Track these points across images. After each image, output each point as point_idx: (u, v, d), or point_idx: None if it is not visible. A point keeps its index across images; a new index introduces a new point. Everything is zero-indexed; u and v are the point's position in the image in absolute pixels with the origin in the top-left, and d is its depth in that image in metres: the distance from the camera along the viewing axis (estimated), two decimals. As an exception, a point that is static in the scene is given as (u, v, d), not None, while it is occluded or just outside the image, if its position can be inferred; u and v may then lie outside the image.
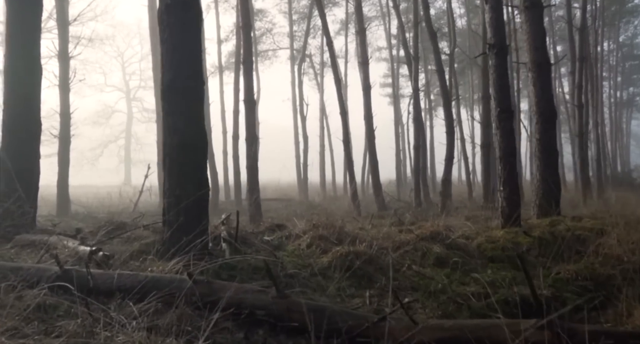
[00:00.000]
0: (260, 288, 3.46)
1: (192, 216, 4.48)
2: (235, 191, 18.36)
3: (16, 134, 6.23)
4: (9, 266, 3.43)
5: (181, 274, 3.54)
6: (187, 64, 4.52)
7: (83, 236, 5.61)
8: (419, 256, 4.89)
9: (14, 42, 6.36)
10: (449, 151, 13.74)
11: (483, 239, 5.38)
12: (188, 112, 4.53)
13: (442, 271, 4.58)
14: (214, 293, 3.34)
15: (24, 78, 6.32)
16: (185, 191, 4.48)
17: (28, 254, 4.93)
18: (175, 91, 4.49)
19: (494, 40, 5.91)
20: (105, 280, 3.38)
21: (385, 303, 3.89)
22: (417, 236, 5.29)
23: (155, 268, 3.77)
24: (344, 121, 14.31)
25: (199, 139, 4.60)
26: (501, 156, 6.00)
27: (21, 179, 6.02)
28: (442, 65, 13.69)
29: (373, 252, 4.77)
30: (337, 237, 5.31)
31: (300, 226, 6.82)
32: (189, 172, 4.53)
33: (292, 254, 5.03)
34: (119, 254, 4.60)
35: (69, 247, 4.65)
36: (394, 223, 7.09)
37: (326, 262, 4.66)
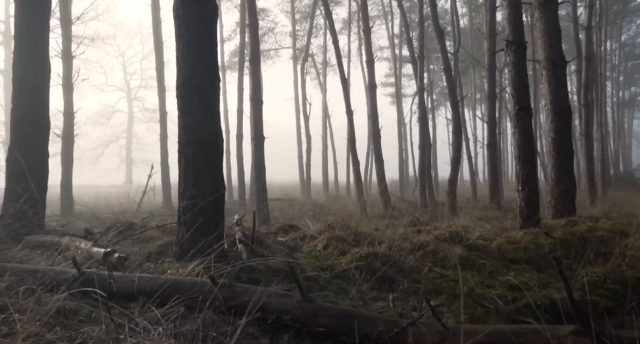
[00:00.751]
0: (284, 291, 3.35)
1: (208, 217, 4.37)
2: (239, 191, 18.28)
3: (25, 132, 6.11)
4: (26, 268, 3.32)
5: (202, 277, 3.43)
6: (203, 60, 4.40)
7: (93, 237, 5.50)
8: (439, 257, 4.78)
9: (23, 39, 6.25)
10: (456, 150, 13.63)
11: (503, 240, 5.27)
12: (204, 110, 4.42)
13: (465, 273, 4.47)
14: (237, 297, 3.23)
15: (33, 76, 6.21)
16: (201, 191, 4.37)
17: (39, 256, 4.81)
18: (191, 87, 4.37)
19: (512, 36, 5.80)
20: (125, 283, 3.26)
21: (410, 306, 3.78)
22: (435, 237, 5.17)
23: (175, 271, 3.65)
24: (350, 120, 14.20)
25: (215, 138, 4.48)
26: (519, 155, 5.89)
27: (28, 180, 5.90)
28: (449, 64, 13.58)
29: (393, 254, 4.65)
30: (354, 238, 5.20)
31: (312, 226, 6.72)
32: (205, 171, 4.42)
33: (309, 256, 4.92)
34: (133, 256, 4.49)
35: (82, 249, 4.54)
36: (407, 224, 6.98)
37: (345, 264, 4.55)
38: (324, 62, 30.62)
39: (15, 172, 5.93)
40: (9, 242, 5.34)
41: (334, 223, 5.62)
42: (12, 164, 5.97)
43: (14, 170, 5.94)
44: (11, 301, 2.76)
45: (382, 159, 15.64)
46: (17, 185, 5.87)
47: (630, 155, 50.28)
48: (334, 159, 29.92)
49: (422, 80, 16.95)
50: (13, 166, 5.95)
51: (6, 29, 28.64)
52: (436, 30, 13.45)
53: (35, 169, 6.05)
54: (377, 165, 15.56)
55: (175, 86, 4.49)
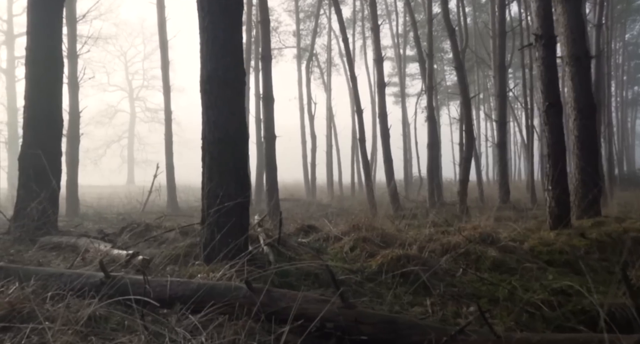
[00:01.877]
0: (324, 297, 3.16)
1: (235, 218, 4.19)
2: (245, 190, 18.06)
3: (38, 130, 5.93)
4: (50, 272, 3.14)
5: (235, 281, 3.25)
6: (229, 54, 4.22)
7: (111, 238, 5.33)
8: (472, 259, 4.59)
9: (36, 34, 6.05)
10: (467, 150, 13.43)
11: (535, 242, 5.08)
12: (229, 106, 4.23)
13: (501, 276, 4.29)
14: (274, 303, 3.05)
15: (46, 72, 6.02)
16: (227, 191, 4.19)
17: (56, 258, 4.64)
18: (216, 82, 4.19)
19: (541, 30, 5.60)
20: (155, 288, 3.07)
21: (451, 312, 3.59)
22: (465, 238, 4.98)
23: (205, 275, 3.47)
24: (360, 119, 14.01)
25: (241, 136, 4.30)
26: (550, 153, 5.70)
27: (41, 178, 5.71)
28: (461, 62, 13.40)
29: (425, 256, 4.47)
30: (381, 240, 5.01)
31: (333, 227, 6.54)
32: (231, 171, 4.24)
33: (336, 258, 4.74)
34: (154, 259, 4.31)
35: (101, 251, 4.35)
36: (429, 224, 6.79)
37: (376, 266, 4.36)
38: (328, 61, 30.43)
39: (29, 171, 5.75)
40: (24, 243, 5.16)
41: (360, 224, 5.43)
42: (25, 163, 5.78)
43: (27, 169, 5.76)
44: (39, 307, 2.58)
45: (391, 159, 15.45)
46: (30, 184, 5.68)
47: (634, 155, 50.10)
48: (338, 159, 29.72)
49: (430, 78, 16.75)
50: (26, 165, 5.77)
51: (8, 29, 28.46)
52: (447, 28, 13.25)
53: (47, 168, 5.86)
54: (386, 164, 15.36)
55: (200, 81, 4.30)
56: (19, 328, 2.40)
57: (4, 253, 4.53)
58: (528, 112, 19.81)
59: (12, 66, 28.03)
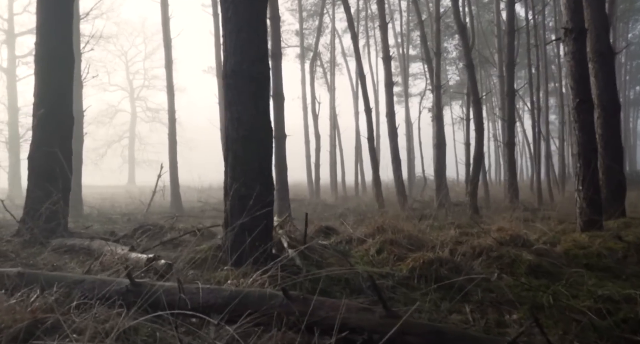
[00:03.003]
0: (365, 305, 2.95)
1: (258, 219, 3.97)
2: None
3: (48, 129, 5.71)
4: (72, 278, 2.92)
5: (269, 288, 3.03)
6: (254, 46, 4.01)
7: (124, 240, 5.11)
8: (505, 263, 4.38)
9: (46, 29, 5.83)
10: (478, 150, 13.22)
11: (569, 245, 4.87)
12: (254, 102, 4.02)
13: (539, 281, 4.07)
14: (313, 312, 2.83)
15: (56, 69, 5.79)
16: (251, 192, 3.98)
17: (70, 261, 4.42)
18: (241, 77, 3.97)
19: (571, 24, 5.40)
20: (185, 295, 2.86)
21: (493, 320, 3.38)
22: (495, 241, 4.78)
23: (236, 281, 3.25)
24: (368, 117, 13.81)
25: (265, 133, 4.09)
26: (581, 152, 5.49)
27: (52, 178, 5.49)
28: (470, 60, 13.17)
29: (457, 260, 4.26)
30: (408, 242, 4.80)
31: (349, 227, 6.34)
32: (255, 170, 4.03)
33: (362, 262, 4.53)
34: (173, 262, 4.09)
35: (118, 254, 4.13)
36: (453, 225, 6.59)
37: (407, 271, 4.15)
38: (332, 60, 30.19)
39: (38, 171, 5.53)
40: (35, 245, 4.94)
41: (384, 225, 5.22)
42: (35, 162, 5.56)
43: (37, 168, 5.53)
44: (64, 317, 2.36)
45: (399, 158, 15.26)
46: (40, 185, 5.46)
47: (635, 155, 49.93)
48: (342, 159, 29.50)
49: (438, 77, 16.56)
50: (36, 164, 5.54)
51: (9, 28, 28.20)
52: (457, 25, 13.04)
53: (58, 168, 5.64)
54: (394, 164, 15.17)
55: (222, 76, 4.09)
56: (44, 341, 2.19)
57: (16, 256, 4.32)
58: (534, 112, 19.62)
59: (13, 65, 27.77)
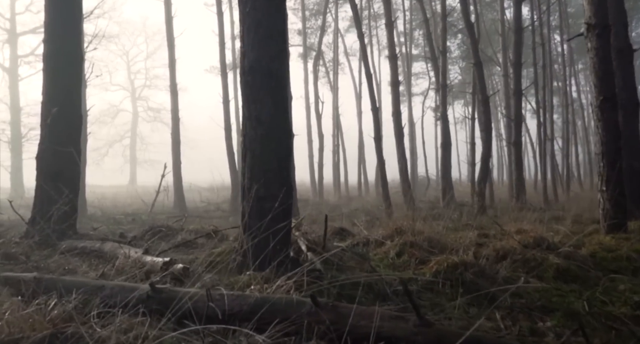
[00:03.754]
0: (397, 313, 2.81)
1: (278, 221, 3.83)
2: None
3: (57, 128, 5.57)
4: (91, 284, 2.79)
5: (294, 295, 2.90)
6: (274, 42, 3.86)
7: (135, 242, 4.97)
8: (531, 266, 4.24)
9: (54, 26, 5.70)
10: (486, 149, 13.08)
11: (595, 248, 4.73)
12: (273, 99, 3.88)
13: (568, 286, 3.93)
14: (343, 320, 2.70)
15: (65, 67, 5.67)
16: (270, 192, 3.84)
17: (82, 263, 4.28)
18: (260, 73, 3.83)
19: (594, 19, 5.25)
20: (201, 301, 2.72)
21: (527, 327, 3.24)
22: (519, 243, 4.64)
23: (259, 287, 3.11)
24: (376, 117, 13.64)
25: (284, 132, 3.96)
26: (604, 152, 5.35)
27: (61, 178, 5.35)
28: (479, 58, 13.03)
29: (482, 263, 4.12)
30: (428, 245, 4.66)
31: (362, 228, 6.21)
32: (275, 170, 3.89)
33: (383, 265, 4.39)
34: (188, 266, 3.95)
35: (132, 258, 3.99)
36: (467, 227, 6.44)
37: (430, 274, 4.01)
38: (335, 60, 30.03)
39: (47, 171, 5.39)
40: (44, 247, 4.80)
41: (402, 227, 5.08)
42: (43, 162, 5.42)
43: (46, 168, 5.39)
44: (85, 327, 2.23)
45: (405, 158, 15.12)
46: (49, 185, 5.32)
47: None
48: (344, 159, 29.34)
49: (444, 76, 16.42)
50: (44, 164, 5.40)
51: (11, 27, 28.06)
52: (465, 23, 12.91)
53: (67, 168, 5.51)
54: (401, 164, 15.03)
55: (240, 73, 3.95)
56: (65, 353, 2.05)
57: (26, 259, 4.17)
58: (539, 111, 19.49)
59: (15, 65, 27.63)
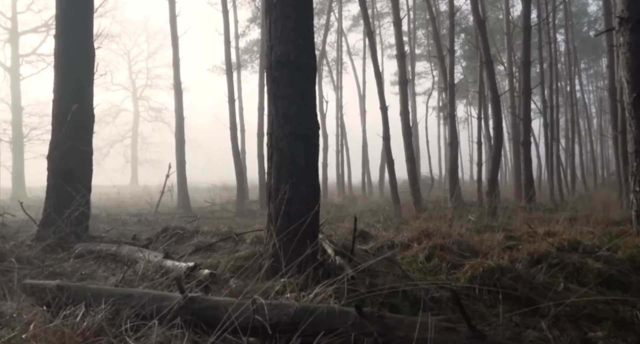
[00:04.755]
0: (448, 324, 2.61)
1: (306, 224, 3.64)
2: (260, 192, 17.47)
3: (69, 126, 5.36)
4: (118, 292, 2.60)
5: (334, 304, 2.71)
6: (301, 35, 3.67)
7: (150, 244, 4.78)
8: (569, 271, 4.04)
9: (66, 21, 5.49)
10: (496, 148, 12.92)
11: (632, 251, 4.53)
12: (302, 96, 3.69)
13: (612, 292, 3.74)
14: (390, 332, 2.51)
15: (77, 63, 5.47)
16: (298, 194, 3.65)
17: (97, 268, 4.08)
18: (288, 68, 3.64)
19: (627, 13, 5.05)
20: (243, 312, 2.52)
21: (577, 337, 3.05)
22: (552, 246, 4.44)
23: (296, 294, 2.91)
24: (385, 116, 13.46)
25: (312, 130, 3.77)
26: (638, 150, 5.17)
27: (73, 179, 5.16)
28: (489, 57, 12.85)
29: (519, 268, 3.93)
30: (458, 248, 4.47)
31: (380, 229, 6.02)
32: (302, 170, 3.70)
33: (411, 269, 4.20)
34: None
35: (152, 262, 3.80)
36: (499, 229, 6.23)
37: (465, 280, 3.82)
38: (339, 59, 29.87)
39: (58, 171, 5.19)
40: (57, 250, 4.60)
41: (428, 229, 4.89)
42: (54, 162, 5.22)
43: (57, 168, 5.20)
44: (118, 340, 2.04)
45: (414, 158, 14.92)
46: (61, 185, 5.13)
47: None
48: (348, 159, 29.16)
49: (451, 75, 16.22)
50: (55, 164, 5.21)
51: (13, 26, 27.85)
52: (476, 20, 12.73)
53: (79, 167, 5.31)
54: (409, 164, 14.82)
55: (266, 67, 3.76)
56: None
57: (40, 263, 3.98)
58: (546, 110, 19.34)
59: (17, 64, 27.40)
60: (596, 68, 44.42)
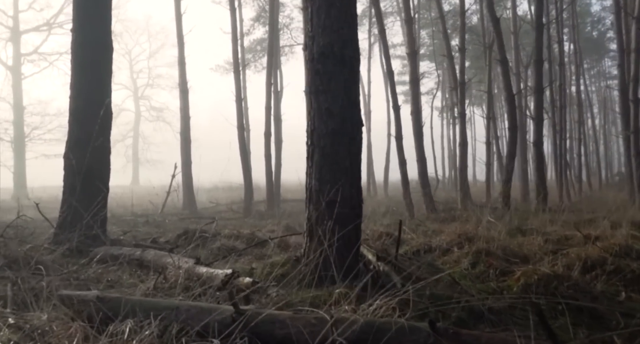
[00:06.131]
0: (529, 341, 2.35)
1: (350, 227, 3.38)
2: (268, 193, 17.19)
3: (86, 124, 5.10)
4: (161, 304, 2.33)
5: (403, 319, 2.44)
6: (346, 25, 3.41)
7: (177, 249, 4.51)
8: (628, 279, 3.78)
9: (84, 13, 5.22)
10: (510, 148, 12.68)
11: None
12: (346, 89, 3.43)
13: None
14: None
15: (95, 57, 5.20)
16: (341, 195, 3.39)
17: (122, 274, 3.81)
18: (332, 60, 3.38)
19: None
20: (304, 327, 2.26)
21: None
22: (604, 251, 4.18)
23: (354, 307, 2.65)
24: (397, 115, 13.22)
25: (356, 127, 3.50)
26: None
27: (92, 177, 4.89)
28: (505, 55, 12.61)
29: (575, 275, 3.67)
30: (503, 253, 4.21)
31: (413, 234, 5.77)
32: (346, 170, 3.44)
33: (457, 275, 3.93)
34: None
35: (182, 268, 3.53)
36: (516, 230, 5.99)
37: (517, 288, 3.55)
38: (343, 58, 29.59)
39: (76, 170, 4.91)
40: (77, 254, 4.32)
41: (467, 233, 4.62)
42: (70, 161, 4.95)
43: (74, 167, 4.92)
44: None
45: (424, 158, 14.65)
46: (78, 184, 4.86)
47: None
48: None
49: (462, 73, 15.99)
50: (71, 163, 4.93)
51: (14, 25, 27.55)
52: (492, 19, 12.49)
53: (98, 166, 5.04)
54: (420, 164, 14.55)
55: (307, 60, 3.49)
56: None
57: (63, 269, 3.70)
58: (554, 110, 19.15)
59: (19, 63, 27.08)
60: (598, 68, 44.28)
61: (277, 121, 19.45)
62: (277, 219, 11.13)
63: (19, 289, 2.97)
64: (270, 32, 17.65)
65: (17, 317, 2.54)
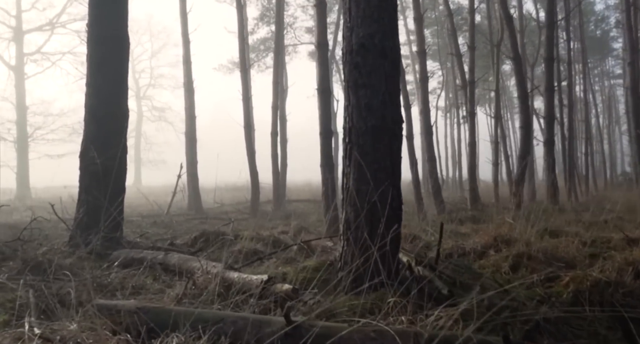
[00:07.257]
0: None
1: (392, 230, 3.17)
2: (274, 193, 16.98)
3: (102, 122, 4.90)
4: (206, 315, 2.13)
5: (476, 335, 2.23)
6: (387, 15, 3.19)
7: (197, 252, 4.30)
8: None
9: (100, 8, 5.01)
10: (523, 148, 12.48)
11: None
12: (387, 83, 3.22)
13: None
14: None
15: (114, 53, 4.98)
16: (381, 196, 3.18)
17: (145, 278, 3.60)
18: (372, 53, 3.16)
19: None
20: (362, 340, 2.06)
21: None
22: (650, 254, 3.97)
23: (411, 318, 2.44)
24: (407, 114, 13.03)
25: (397, 124, 3.30)
26: None
27: (110, 178, 4.68)
28: (518, 53, 12.41)
29: (629, 281, 3.46)
30: (543, 256, 4.00)
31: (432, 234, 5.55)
32: (386, 169, 3.23)
33: (499, 280, 3.72)
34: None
35: (212, 273, 3.32)
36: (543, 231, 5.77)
37: (568, 295, 3.34)
38: (346, 58, 29.39)
39: (92, 170, 4.71)
40: (95, 258, 4.11)
41: (505, 234, 4.41)
42: (88, 161, 4.75)
43: (90, 167, 4.72)
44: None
45: (434, 157, 14.51)
46: (94, 186, 4.65)
47: None
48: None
49: (472, 72, 15.79)
50: (89, 163, 4.73)
51: (17, 25, 27.35)
52: (505, 16, 12.29)
53: (113, 166, 4.83)
54: (430, 164, 14.39)
55: (345, 52, 3.29)
56: None
57: (85, 273, 3.48)
58: (563, 109, 19.01)
59: (21, 63, 26.87)
60: (602, 67, 44.11)
61: (282, 121, 19.24)
62: (285, 220, 10.95)
63: (42, 296, 2.77)
64: (277, 30, 17.46)
65: (43, 327, 2.35)
